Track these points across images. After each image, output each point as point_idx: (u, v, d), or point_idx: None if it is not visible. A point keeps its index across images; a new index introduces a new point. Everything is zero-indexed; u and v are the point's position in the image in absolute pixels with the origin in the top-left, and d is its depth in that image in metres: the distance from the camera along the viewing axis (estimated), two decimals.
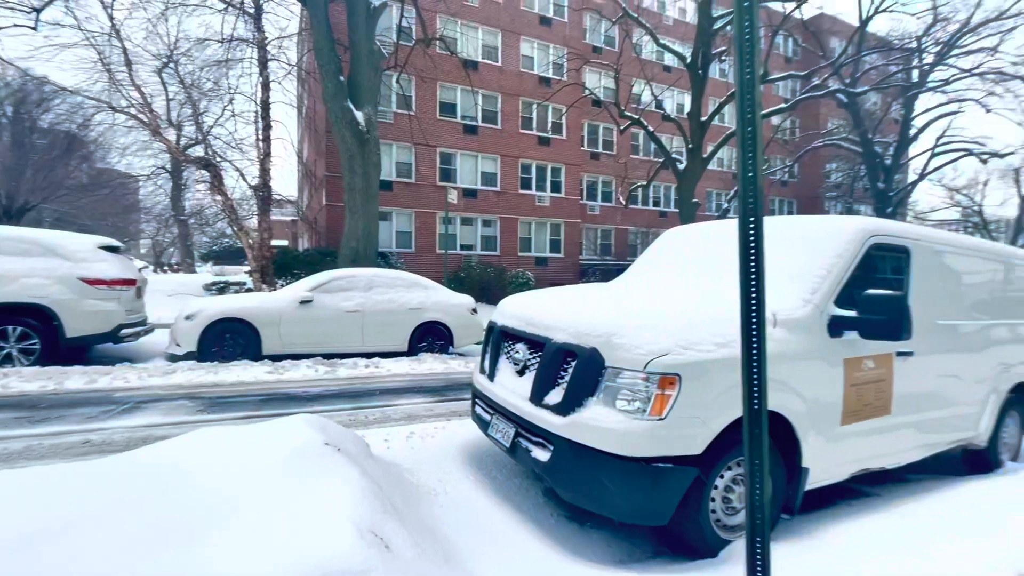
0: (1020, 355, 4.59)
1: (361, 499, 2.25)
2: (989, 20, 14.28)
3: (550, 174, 21.26)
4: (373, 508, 2.25)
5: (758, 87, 2.20)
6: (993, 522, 3.27)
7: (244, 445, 2.55)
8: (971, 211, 26.10)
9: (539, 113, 20.35)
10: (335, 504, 2.13)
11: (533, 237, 21.23)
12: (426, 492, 3.16)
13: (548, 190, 21.21)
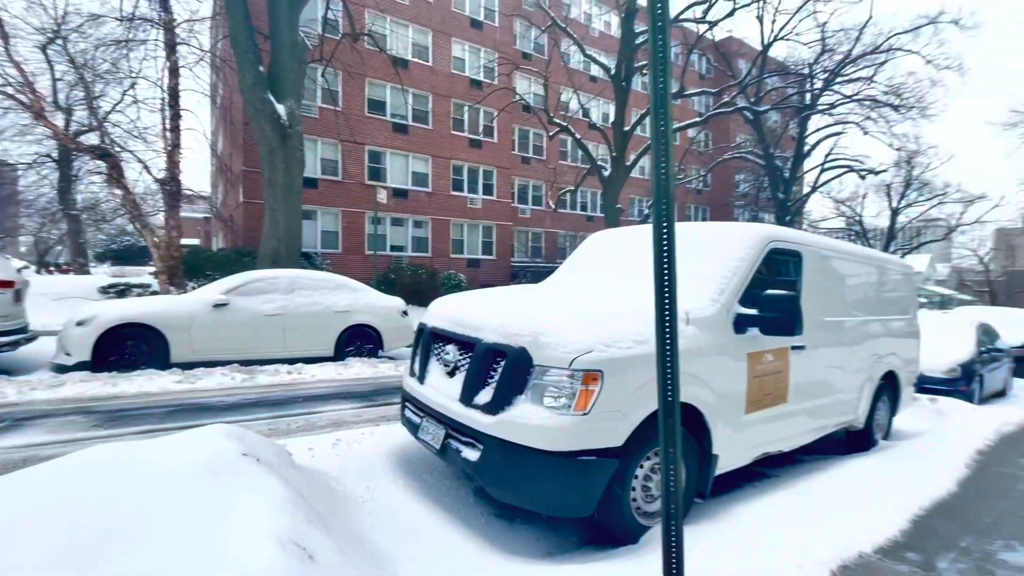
0: (890, 347, 5.27)
1: (282, 510, 2.16)
2: (866, 53, 16.33)
3: (482, 176, 21.35)
4: (295, 518, 2.17)
5: (669, 101, 2.38)
6: (872, 491, 3.75)
7: (148, 460, 2.36)
8: (853, 221, 29.53)
9: (471, 115, 20.39)
10: (254, 517, 2.03)
11: (465, 239, 21.21)
12: (354, 499, 3.08)
13: (480, 192, 21.28)
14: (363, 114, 18.88)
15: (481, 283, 18.98)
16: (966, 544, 3.08)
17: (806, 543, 2.84)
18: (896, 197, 27.26)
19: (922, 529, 3.24)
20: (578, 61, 22.26)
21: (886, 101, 16.46)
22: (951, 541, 3.10)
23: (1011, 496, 3.94)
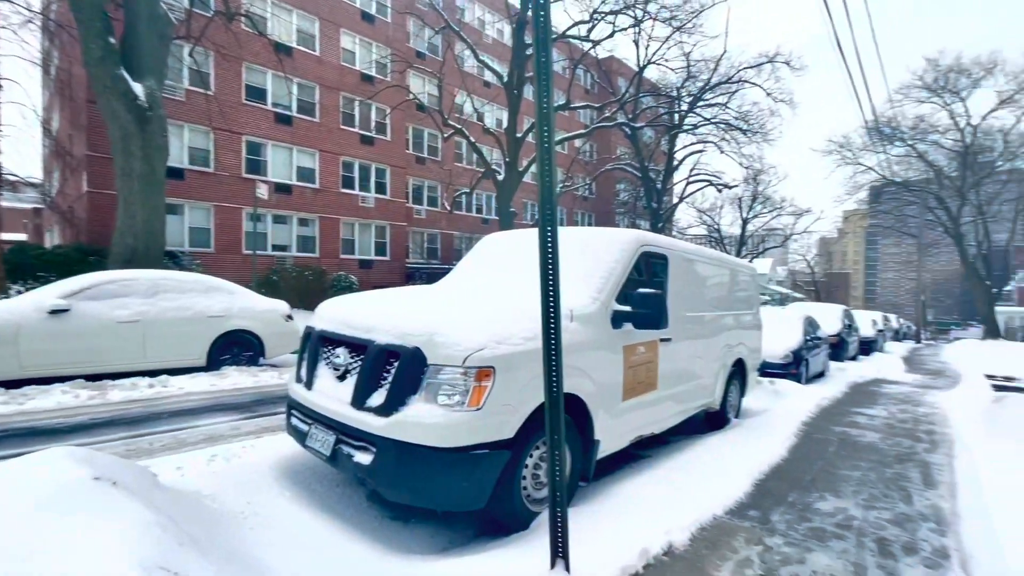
0: (739, 338, 6.13)
1: (146, 534, 1.98)
2: (721, 83, 18.79)
3: (375, 174, 20.62)
4: (162, 542, 2.00)
5: (552, 112, 2.59)
6: (724, 462, 4.35)
7: None
8: (713, 228, 33.60)
9: (362, 111, 19.61)
10: (114, 544, 1.84)
11: (357, 239, 20.32)
12: (234, 516, 2.87)
13: (373, 191, 20.53)
14: (240, 101, 17.27)
15: (374, 285, 18.37)
16: (792, 499, 3.72)
17: (672, 512, 3.24)
18: (746, 209, 31.54)
19: (761, 490, 3.85)
20: (472, 65, 22.54)
21: (736, 125, 19.07)
22: (782, 497, 3.73)
23: (825, 457, 4.82)
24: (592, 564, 2.54)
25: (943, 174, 30.94)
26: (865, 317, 18.97)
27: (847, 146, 31.84)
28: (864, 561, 2.84)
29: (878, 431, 5.96)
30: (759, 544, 2.98)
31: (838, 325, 13.40)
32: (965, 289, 46.59)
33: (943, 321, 53.52)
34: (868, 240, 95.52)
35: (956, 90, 29.37)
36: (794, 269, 52.85)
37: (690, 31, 17.65)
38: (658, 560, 2.73)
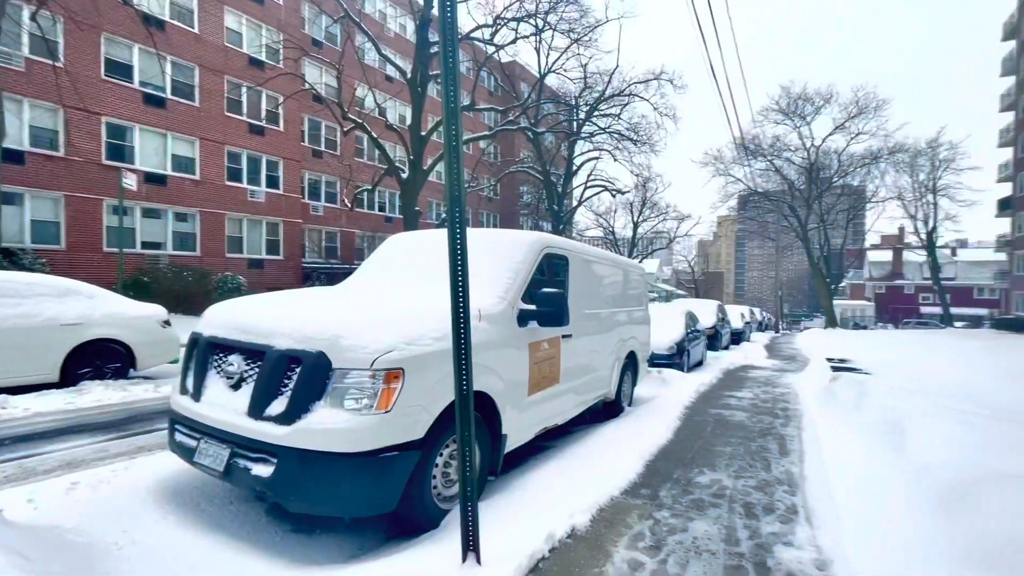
0: (632, 332, 6.65)
1: None
2: (614, 95, 20.22)
3: (265, 167, 19.06)
4: None
5: (459, 114, 2.65)
6: (619, 447, 4.71)
7: None
8: (608, 231, 35.91)
9: (251, 98, 18.04)
10: None
11: (245, 236, 18.65)
12: (107, 549, 2.57)
13: (263, 184, 18.95)
14: (98, 76, 15.04)
15: (267, 286, 17.04)
16: (677, 475, 4.15)
17: (574, 497, 3.47)
18: (636, 213, 34.11)
19: (651, 470, 4.24)
20: (374, 59, 21.78)
21: (628, 136, 20.62)
22: (668, 475, 4.15)
23: (703, 436, 5.42)
24: (502, 553, 2.64)
25: (794, 186, 35.99)
26: (735, 311, 21.48)
27: (720, 159, 35.82)
28: (734, 524, 3.28)
29: (745, 411, 6.81)
30: (650, 519, 3.30)
31: (714, 319, 15.03)
32: (811, 285, 54.44)
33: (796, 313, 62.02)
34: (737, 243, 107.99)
35: (803, 115, 34.39)
36: (677, 269, 58.18)
37: (587, 44, 18.73)
38: (563, 543, 2.92)
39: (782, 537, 3.09)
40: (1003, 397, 7.25)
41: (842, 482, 3.96)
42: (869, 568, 2.65)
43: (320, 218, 24.31)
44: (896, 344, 18.24)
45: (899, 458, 4.20)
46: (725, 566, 2.74)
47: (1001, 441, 4.11)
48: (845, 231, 41.98)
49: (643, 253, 37.89)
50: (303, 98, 19.18)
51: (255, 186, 18.81)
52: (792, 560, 2.81)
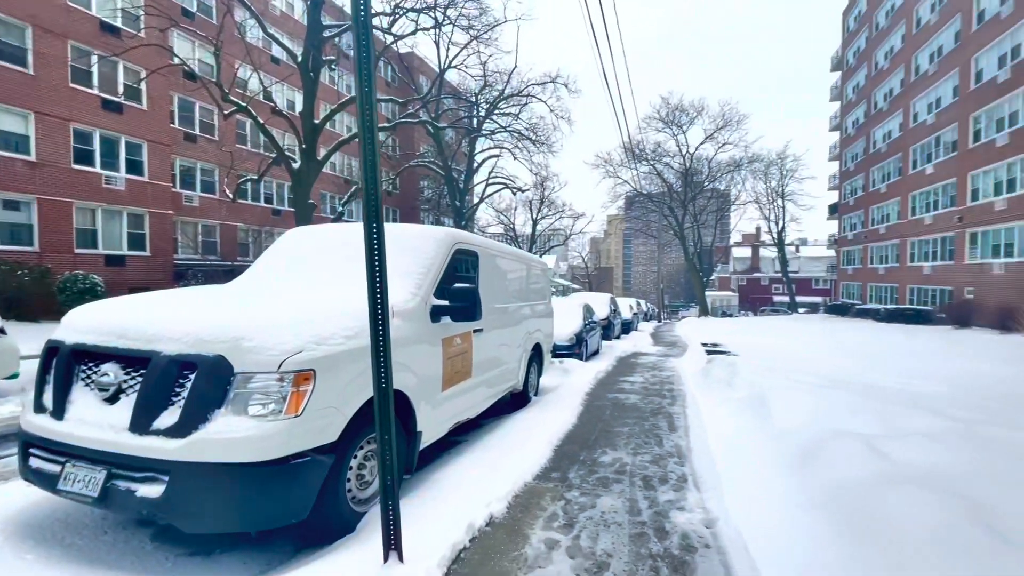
0: (536, 325, 6.92)
1: None
2: (513, 95, 20.70)
3: (125, 149, 16.50)
4: None
5: (375, 105, 2.58)
6: (529, 435, 4.90)
7: None
8: (509, 227, 36.74)
9: (104, 69, 15.51)
10: None
11: (101, 228, 16.02)
12: None
13: (123, 169, 16.40)
14: None
15: (130, 287, 14.88)
16: (583, 457, 4.43)
17: (490, 486, 3.56)
18: (535, 210, 35.28)
19: (559, 454, 4.48)
20: (259, 37, 19.92)
21: (527, 135, 21.23)
22: (575, 457, 4.41)
23: (603, 419, 5.83)
24: (424, 548, 2.65)
25: (672, 189, 39.62)
26: (625, 303, 23.17)
27: (609, 162, 38.31)
28: (636, 496, 3.59)
29: (638, 393, 7.43)
30: (562, 499, 3.51)
31: (607, 311, 16.08)
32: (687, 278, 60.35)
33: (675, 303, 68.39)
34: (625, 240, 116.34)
35: (679, 124, 37.95)
36: (573, 264, 61.16)
37: (487, 42, 18.90)
38: (482, 531, 3.00)
39: (676, 503, 3.46)
40: (836, 369, 8.70)
41: (721, 450, 4.51)
42: (744, 520, 3.08)
43: (195, 209, 21.75)
44: (756, 329, 20.97)
45: (764, 426, 4.89)
46: (630, 534, 3.00)
47: (839, 405, 4.96)
48: (714, 230, 47.28)
49: (542, 249, 39.28)
50: (172, 74, 16.95)
51: (112, 171, 16.25)
52: (685, 522, 3.16)
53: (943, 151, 24.63)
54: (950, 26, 24.21)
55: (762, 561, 2.57)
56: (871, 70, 33.78)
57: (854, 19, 37.31)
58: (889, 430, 4.20)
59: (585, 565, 2.66)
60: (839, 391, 5.98)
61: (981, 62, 21.83)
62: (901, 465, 3.36)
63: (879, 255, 31.78)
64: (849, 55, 38.34)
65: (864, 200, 34.23)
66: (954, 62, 23.70)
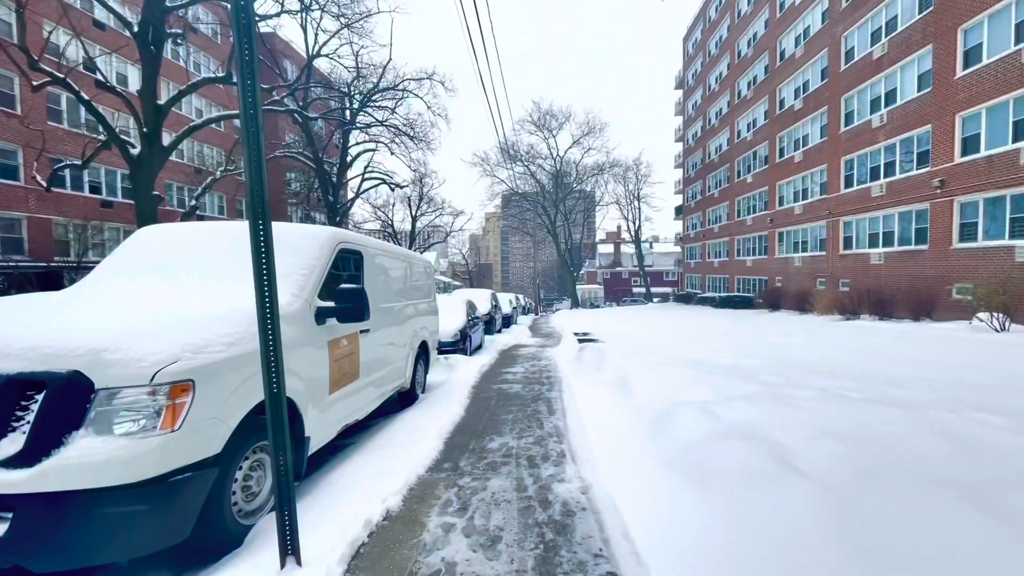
0: (422, 323, 7.01)
1: None
2: (388, 88, 20.15)
3: None
4: None
5: (259, 93, 2.51)
6: (420, 431, 5.01)
7: None
8: (387, 224, 35.71)
9: None
10: None
11: None
12: None
13: None
14: None
15: None
16: (472, 446, 4.68)
17: (384, 482, 3.63)
18: (414, 207, 34.78)
19: (450, 445, 4.68)
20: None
21: (405, 131, 20.85)
22: (465, 447, 4.64)
23: (489, 409, 6.15)
24: (322, 549, 2.67)
25: (545, 189, 41.86)
26: (504, 298, 24.06)
27: (486, 161, 39.23)
28: (522, 475, 3.94)
29: (520, 383, 7.91)
30: (455, 486, 3.71)
31: (488, 306, 16.59)
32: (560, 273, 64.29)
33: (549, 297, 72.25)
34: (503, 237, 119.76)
35: (550, 128, 40.20)
36: (453, 261, 61.40)
37: (359, 32, 18.07)
38: (380, 525, 3.08)
39: (556, 477, 3.87)
40: (680, 349, 10.12)
41: (593, 427, 5.09)
42: (613, 483, 3.58)
43: None
44: (619, 318, 23.21)
45: (627, 402, 5.60)
46: (518, 509, 3.32)
47: (684, 380, 5.87)
48: (583, 228, 51.03)
49: (422, 246, 38.84)
50: None
51: None
52: (564, 491, 3.58)
53: (759, 164, 29.56)
54: (761, 60, 29.09)
55: (628, 514, 3.05)
56: (706, 91, 39.13)
57: (692, 45, 42.82)
58: (720, 397, 5.12)
59: (480, 541, 2.90)
60: (684, 368, 7.03)
61: (783, 92, 26.62)
62: (727, 423, 4.16)
63: (714, 250, 37.07)
64: (689, 76, 43.92)
65: (702, 203, 39.60)
66: (764, 90, 28.55)
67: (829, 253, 22.01)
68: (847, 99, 20.85)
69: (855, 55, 20.36)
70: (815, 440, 3.61)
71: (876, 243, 19.12)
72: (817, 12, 23.18)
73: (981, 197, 14.46)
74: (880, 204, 18.68)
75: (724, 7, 34.78)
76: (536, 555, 2.73)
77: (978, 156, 14.51)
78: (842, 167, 21.16)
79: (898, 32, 17.79)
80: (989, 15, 14.19)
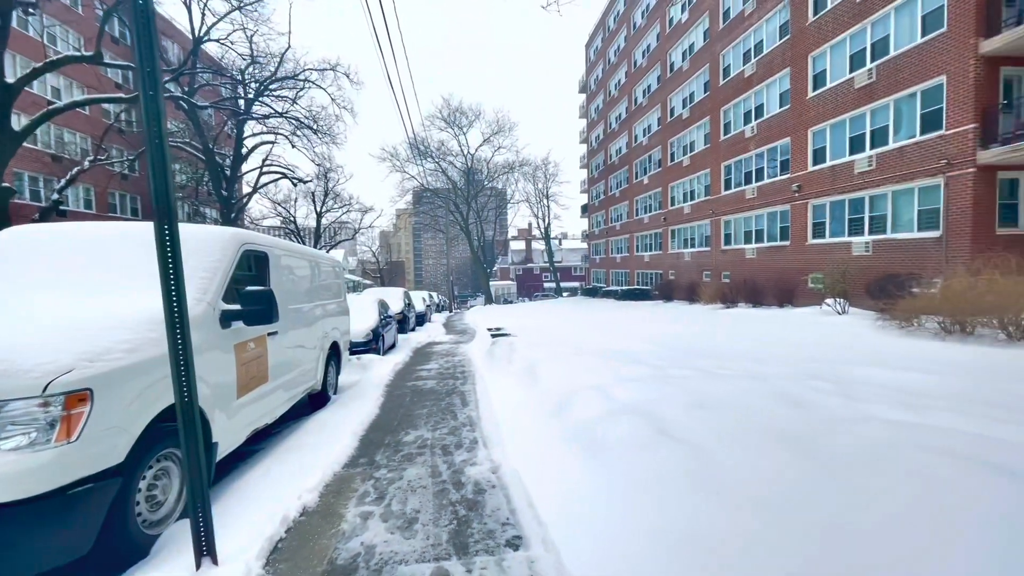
0: (333, 324, 6.93)
1: None
2: (287, 77, 19.01)
3: None
4: None
5: (159, 76, 2.48)
6: (334, 431, 5.04)
7: None
8: (288, 220, 33.68)
9: None
10: None
11: None
12: None
13: None
14: None
15: None
16: (388, 440, 4.82)
17: (299, 482, 3.68)
18: (319, 203, 33.14)
19: (365, 442, 4.78)
20: None
21: (307, 124, 19.79)
22: (380, 442, 4.77)
23: (404, 405, 6.28)
24: (240, 548, 2.73)
25: (457, 186, 41.93)
26: (418, 296, 23.88)
27: (396, 156, 38.40)
28: (436, 462, 4.17)
29: (434, 378, 8.09)
30: (371, 479, 3.86)
31: (401, 304, 16.46)
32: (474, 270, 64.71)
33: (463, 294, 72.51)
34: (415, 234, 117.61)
35: (460, 125, 40.29)
36: (363, 259, 59.30)
37: (253, 17, 16.82)
38: (297, 521, 3.17)
39: (469, 461, 4.16)
40: (584, 339, 10.89)
41: (504, 414, 5.44)
42: (520, 461, 3.94)
43: None
44: (530, 312, 24.06)
45: (534, 390, 6.04)
46: (434, 492, 3.56)
47: (586, 366, 6.43)
48: (495, 225, 51.78)
49: (328, 244, 37.11)
50: None
51: None
52: (476, 473, 3.88)
53: (654, 167, 32.05)
54: (654, 71, 31.52)
55: (532, 486, 3.41)
56: (607, 96, 41.50)
57: (593, 52, 45.12)
58: (616, 380, 5.72)
59: (397, 524, 3.11)
60: (586, 356, 7.66)
61: (673, 101, 29.10)
62: (620, 402, 4.71)
63: (616, 247, 39.56)
64: (591, 81, 46.24)
65: (605, 202, 42.03)
66: (657, 99, 30.99)
67: (713, 249, 24.56)
68: (725, 111, 23.34)
69: (731, 72, 22.84)
70: (689, 411, 4.24)
71: (750, 239, 21.69)
72: (700, 31, 25.64)
73: (828, 200, 17.03)
74: (752, 205, 21.21)
75: (621, 18, 37.10)
76: (450, 529, 3.00)
77: (825, 165, 17.07)
78: (722, 171, 23.68)
79: (764, 54, 20.28)
80: (831, 45, 16.72)
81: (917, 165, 13.60)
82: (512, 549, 2.74)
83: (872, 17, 14.96)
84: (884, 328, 10.33)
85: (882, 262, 14.59)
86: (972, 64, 12.05)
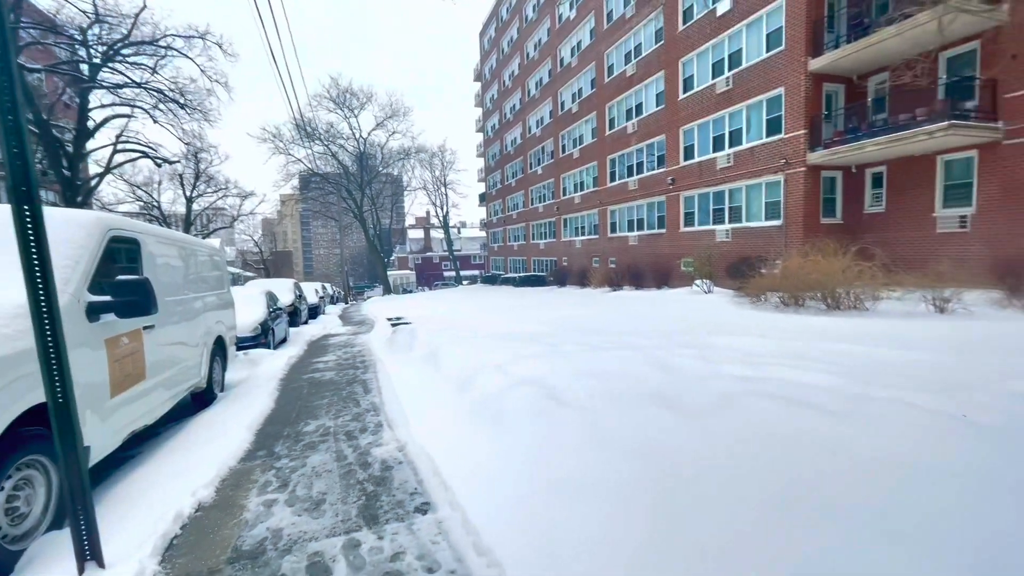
0: (217, 317, 6.47)
1: None
2: (145, 42, 16.56)
3: None
4: None
5: (10, 36, 2.24)
6: (223, 427, 4.79)
7: None
8: (151, 205, 29.67)
9: None
10: None
11: None
12: None
13: None
14: None
15: None
16: (287, 432, 4.71)
17: (191, 478, 3.52)
18: (189, 187, 29.60)
19: (262, 435, 4.62)
20: None
21: (173, 97, 17.53)
22: (279, 434, 4.65)
23: (302, 397, 6.09)
24: (129, 548, 2.61)
25: (349, 172, 39.95)
26: (309, 288, 22.61)
27: (279, 137, 35.50)
28: (341, 448, 4.19)
29: (333, 370, 7.90)
30: (272, 469, 3.79)
31: (292, 296, 15.53)
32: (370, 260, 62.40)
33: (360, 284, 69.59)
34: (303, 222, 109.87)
35: (351, 107, 38.31)
36: (243, 249, 54.21)
37: None
38: (193, 517, 3.06)
39: (375, 443, 4.25)
40: (484, 324, 11.25)
41: (408, 398, 5.56)
42: (425, 438, 4.11)
43: None
44: (431, 301, 23.97)
45: (437, 373, 6.21)
46: (340, 475, 3.62)
47: (486, 348, 6.73)
48: (391, 213, 50.24)
49: (201, 232, 33.37)
50: None
51: None
52: (383, 452, 3.99)
53: (547, 158, 33.33)
54: (545, 64, 32.63)
55: (438, 457, 3.62)
56: (501, 86, 42.06)
57: (487, 41, 45.36)
58: (514, 358, 6.09)
59: (304, 507, 3.14)
60: (485, 339, 7.99)
61: (563, 95, 30.43)
62: (518, 377, 5.07)
63: (514, 235, 40.62)
64: (486, 70, 46.51)
65: (502, 191, 42.84)
66: (549, 92, 32.18)
67: (601, 236, 26.33)
68: (610, 107, 24.99)
69: (615, 71, 24.47)
70: (578, 379, 4.71)
71: (633, 228, 23.63)
72: (587, 29, 27.03)
73: (696, 193, 19.15)
74: (634, 196, 23.09)
75: (514, 10, 37.71)
76: (359, 505, 3.11)
77: (693, 161, 19.14)
78: (608, 164, 25.40)
79: (643, 56, 22.02)
80: (697, 53, 18.69)
81: (764, 163, 15.84)
82: (421, 514, 2.93)
83: (729, 31, 16.97)
84: (740, 303, 12.02)
85: (739, 247, 16.82)
86: (803, 79, 14.28)
